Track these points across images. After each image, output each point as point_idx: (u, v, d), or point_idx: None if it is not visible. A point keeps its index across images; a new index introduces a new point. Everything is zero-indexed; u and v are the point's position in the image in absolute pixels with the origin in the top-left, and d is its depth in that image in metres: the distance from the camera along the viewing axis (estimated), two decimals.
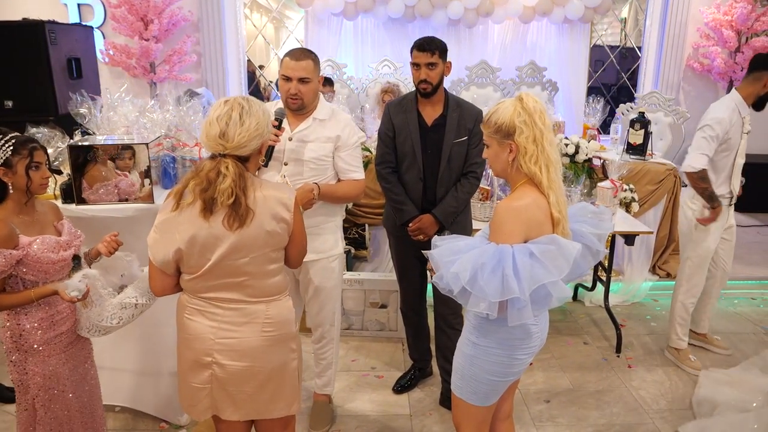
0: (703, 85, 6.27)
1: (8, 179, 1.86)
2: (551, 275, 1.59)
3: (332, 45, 6.03)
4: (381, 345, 3.46)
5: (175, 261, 1.71)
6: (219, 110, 1.66)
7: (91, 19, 5.77)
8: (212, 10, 5.72)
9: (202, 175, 1.64)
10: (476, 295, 1.61)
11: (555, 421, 2.78)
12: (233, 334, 1.75)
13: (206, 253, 1.68)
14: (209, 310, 1.75)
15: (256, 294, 1.76)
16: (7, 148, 1.85)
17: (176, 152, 2.77)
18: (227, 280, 1.72)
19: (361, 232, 3.94)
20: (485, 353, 1.80)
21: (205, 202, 1.63)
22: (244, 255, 1.70)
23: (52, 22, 3.72)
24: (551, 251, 1.62)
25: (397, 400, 2.93)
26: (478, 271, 1.60)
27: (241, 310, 1.75)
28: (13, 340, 1.91)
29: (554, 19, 5.89)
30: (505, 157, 1.74)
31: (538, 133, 1.70)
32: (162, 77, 5.67)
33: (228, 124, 1.63)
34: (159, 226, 1.70)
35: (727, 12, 5.90)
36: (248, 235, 1.67)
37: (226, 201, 1.62)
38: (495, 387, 1.85)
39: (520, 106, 1.71)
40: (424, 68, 2.52)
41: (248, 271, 1.72)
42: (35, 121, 2.65)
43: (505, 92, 5.62)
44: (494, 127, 1.74)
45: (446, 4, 5.61)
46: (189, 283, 1.76)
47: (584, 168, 3.99)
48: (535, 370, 3.20)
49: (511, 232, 1.67)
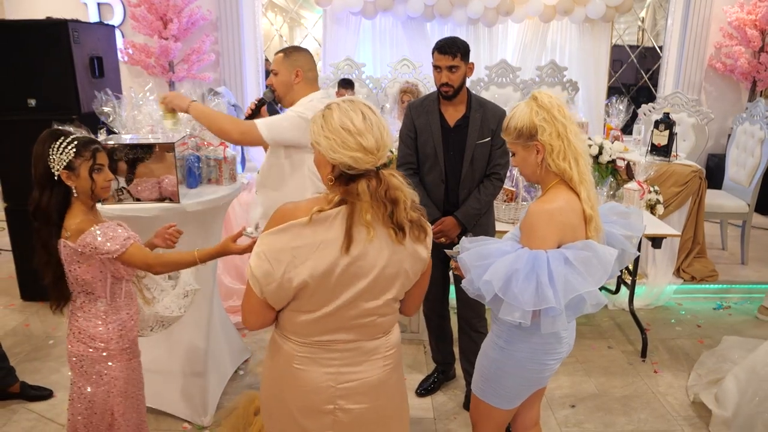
0: (726, 85, 6.17)
1: (72, 183, 1.78)
2: (587, 284, 1.54)
3: (351, 44, 6.01)
4: (403, 347, 3.40)
5: (294, 295, 1.42)
6: (352, 114, 1.36)
7: (110, 18, 5.79)
8: (230, 9, 5.73)
9: (372, 199, 1.36)
10: (509, 303, 1.57)
11: (582, 427, 2.74)
12: (355, 375, 1.51)
13: (340, 289, 1.42)
14: (325, 355, 1.49)
15: (376, 332, 1.52)
16: (69, 150, 1.77)
17: (201, 152, 2.76)
18: (350, 322, 1.47)
19: None
20: (514, 359, 1.75)
21: (396, 225, 1.39)
22: (377, 296, 1.46)
23: (75, 21, 3.71)
24: (587, 257, 1.57)
25: (420, 404, 2.90)
26: (512, 278, 1.56)
27: (360, 348, 1.51)
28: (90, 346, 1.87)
29: (575, 19, 5.83)
30: (533, 159, 1.70)
31: (560, 127, 1.64)
32: (181, 76, 5.68)
33: (382, 133, 1.37)
34: (271, 254, 1.38)
35: (751, 11, 5.80)
36: (389, 273, 1.44)
37: (407, 216, 1.41)
38: (520, 392, 1.82)
39: (536, 105, 1.67)
40: (445, 71, 2.46)
41: (374, 311, 1.48)
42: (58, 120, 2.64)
43: (525, 92, 5.56)
44: (515, 132, 1.70)
45: (466, 3, 5.56)
46: (301, 326, 1.47)
47: (608, 169, 3.94)
48: (559, 375, 3.16)
49: (545, 236, 1.62)
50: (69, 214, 1.80)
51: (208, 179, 2.78)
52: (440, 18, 5.72)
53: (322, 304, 1.43)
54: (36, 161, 1.79)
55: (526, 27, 6.09)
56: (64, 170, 1.76)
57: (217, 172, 2.76)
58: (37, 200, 1.80)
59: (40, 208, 1.79)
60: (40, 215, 1.79)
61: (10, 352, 2.99)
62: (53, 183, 1.77)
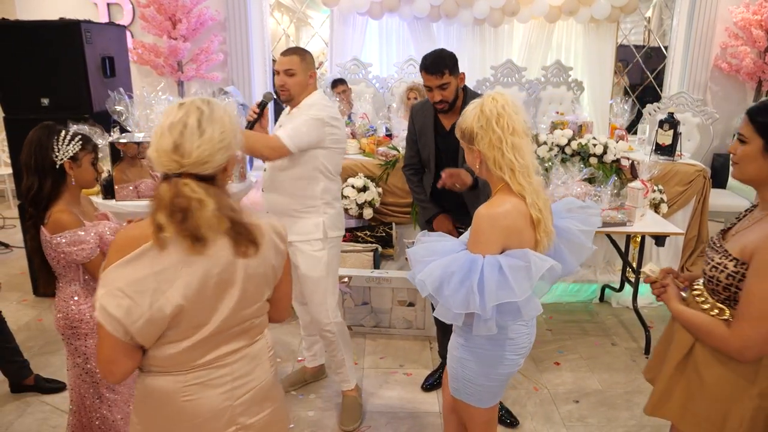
0: (731, 85, 6.18)
1: (72, 172, 1.97)
2: (513, 295, 1.53)
3: (357, 44, 6.06)
4: (409, 343, 3.48)
5: (168, 325, 1.27)
6: (172, 116, 1.25)
7: (120, 18, 5.86)
8: (239, 9, 5.78)
9: (165, 203, 1.22)
10: (442, 304, 1.59)
11: (585, 422, 2.78)
12: (249, 385, 1.42)
13: (215, 302, 1.30)
14: (214, 375, 1.35)
15: (256, 334, 1.44)
16: (76, 143, 1.97)
17: None
18: (231, 330, 1.36)
19: (388, 231, 3.96)
20: (473, 354, 1.76)
21: (191, 236, 1.23)
22: (251, 303, 1.37)
23: (88, 22, 3.78)
24: (520, 267, 1.56)
25: (426, 398, 2.95)
26: (445, 281, 1.56)
27: (246, 356, 1.41)
28: (69, 325, 2.02)
29: (580, 19, 5.85)
30: (475, 162, 1.71)
31: (495, 139, 1.62)
32: (189, 76, 5.74)
33: (183, 134, 1.22)
34: (131, 287, 1.21)
35: (757, 11, 5.81)
36: (256, 273, 1.35)
37: (219, 227, 1.24)
38: (489, 389, 1.81)
39: (479, 110, 1.65)
40: (437, 90, 2.45)
41: (252, 314, 1.40)
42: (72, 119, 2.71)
43: (531, 92, 5.60)
44: (461, 132, 1.71)
45: (471, 4, 5.60)
46: (181, 355, 1.30)
47: (613, 168, 3.97)
48: (563, 371, 3.20)
49: (488, 240, 1.61)
50: (55, 203, 1.96)
51: None
52: (446, 18, 5.76)
53: (202, 324, 1.30)
54: (38, 150, 1.94)
55: (531, 27, 6.13)
56: (68, 160, 1.95)
57: None
58: (36, 187, 1.94)
59: (40, 195, 1.94)
60: (39, 201, 1.95)
61: (24, 346, 3.05)
62: (55, 172, 1.94)
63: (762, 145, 1.43)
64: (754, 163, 1.46)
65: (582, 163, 3.93)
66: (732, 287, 1.48)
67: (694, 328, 1.54)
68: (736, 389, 1.50)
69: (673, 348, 1.66)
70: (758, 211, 1.52)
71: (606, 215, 3.29)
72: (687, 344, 1.60)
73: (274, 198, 2.55)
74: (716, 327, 1.48)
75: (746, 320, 1.41)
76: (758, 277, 1.39)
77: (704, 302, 1.56)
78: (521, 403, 2.91)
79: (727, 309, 1.51)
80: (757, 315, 1.39)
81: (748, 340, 1.41)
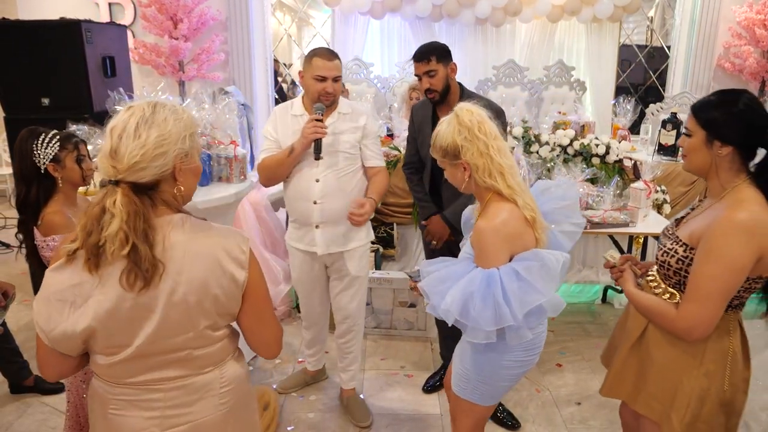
0: (734, 85, 6.15)
1: (58, 174, 1.96)
2: (541, 294, 1.58)
3: (359, 44, 6.04)
4: (410, 344, 3.46)
5: (83, 341, 1.22)
6: (118, 118, 1.20)
7: (121, 18, 5.85)
8: (240, 9, 5.77)
9: (88, 212, 1.18)
10: (472, 326, 1.61)
11: (587, 424, 2.76)
12: (184, 418, 1.30)
13: (133, 326, 1.21)
14: (144, 397, 1.27)
15: (204, 364, 1.31)
16: (54, 144, 1.96)
17: (211, 150, 2.80)
18: (163, 357, 1.25)
19: (389, 231, 3.94)
20: (491, 359, 1.78)
21: (90, 250, 1.16)
22: (177, 332, 1.24)
23: (88, 22, 3.77)
24: (536, 267, 1.61)
25: (426, 400, 2.93)
26: (469, 302, 1.59)
27: (188, 386, 1.30)
28: None
29: (583, 18, 5.83)
30: (461, 176, 1.74)
31: (482, 146, 1.68)
32: (191, 76, 5.73)
33: (121, 138, 1.16)
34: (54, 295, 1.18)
35: (760, 11, 5.78)
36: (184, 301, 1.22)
37: (118, 251, 1.14)
38: (500, 389, 1.87)
39: (457, 124, 1.70)
40: (425, 78, 2.48)
41: (190, 345, 1.27)
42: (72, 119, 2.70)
43: (533, 92, 5.58)
44: (441, 152, 1.74)
45: (474, 3, 5.58)
46: (107, 369, 1.26)
47: (615, 168, 3.95)
48: (565, 372, 3.18)
49: (496, 252, 1.65)
50: (48, 204, 1.96)
51: (219, 177, 2.82)
52: (448, 18, 5.74)
53: (121, 346, 1.22)
54: (21, 158, 1.96)
55: (533, 27, 6.10)
56: (50, 163, 1.94)
57: (228, 170, 2.81)
58: (24, 194, 1.96)
59: (28, 201, 1.95)
60: (28, 207, 1.95)
61: (24, 347, 3.04)
62: (40, 177, 1.94)
63: (705, 136, 1.54)
64: (699, 153, 1.56)
65: (584, 164, 3.91)
66: (681, 271, 1.57)
67: (647, 310, 1.63)
68: (685, 369, 1.58)
69: (627, 331, 1.75)
70: (708, 200, 1.63)
71: (609, 216, 3.27)
72: (640, 327, 1.69)
73: (333, 206, 2.45)
74: (666, 308, 1.57)
75: (693, 301, 1.50)
76: (704, 260, 1.48)
77: (657, 287, 1.65)
78: (523, 405, 2.89)
79: (678, 293, 1.61)
80: (702, 296, 1.48)
81: (694, 320, 1.49)
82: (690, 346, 1.56)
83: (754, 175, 1.54)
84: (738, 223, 1.44)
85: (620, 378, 1.75)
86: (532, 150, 3.90)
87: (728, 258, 1.44)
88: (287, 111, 2.50)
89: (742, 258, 1.44)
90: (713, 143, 1.53)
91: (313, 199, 2.43)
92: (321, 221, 2.47)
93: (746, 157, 1.54)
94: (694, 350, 1.57)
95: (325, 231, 2.49)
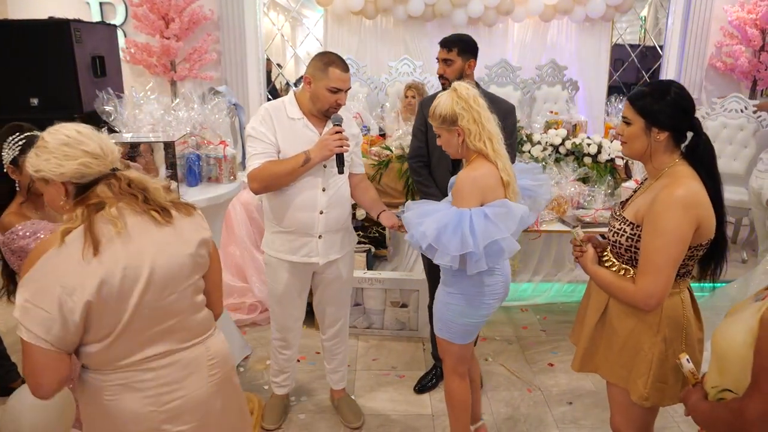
0: (726, 84, 6.16)
1: (15, 177, 1.91)
2: (502, 232, 1.90)
3: (352, 44, 6.03)
4: (402, 344, 3.45)
5: (82, 327, 1.28)
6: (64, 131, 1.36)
7: (113, 17, 5.81)
8: (232, 8, 5.74)
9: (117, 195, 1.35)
10: (441, 250, 1.90)
11: (578, 423, 2.76)
12: (179, 393, 1.41)
13: (124, 296, 1.30)
14: (138, 378, 1.36)
15: (189, 336, 1.43)
16: (15, 146, 1.89)
17: (201, 150, 2.78)
18: (153, 330, 1.36)
19: (381, 231, 3.93)
20: (457, 299, 2.11)
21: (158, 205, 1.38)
22: (171, 290, 1.37)
23: (77, 21, 3.75)
24: (502, 213, 1.93)
25: (418, 400, 2.92)
26: (442, 231, 1.89)
27: (178, 362, 1.41)
28: None
29: (575, 18, 5.84)
30: (456, 141, 2.04)
31: (476, 114, 1.98)
32: (182, 75, 5.70)
33: (100, 139, 1.38)
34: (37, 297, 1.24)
35: (752, 10, 5.79)
36: (174, 260, 1.38)
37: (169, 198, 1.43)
38: (469, 327, 2.16)
39: (456, 95, 1.99)
40: (441, 64, 2.66)
41: (177, 309, 1.39)
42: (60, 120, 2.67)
43: (525, 91, 5.58)
44: (440, 119, 2.03)
45: (466, 3, 5.57)
46: (100, 355, 1.33)
47: (607, 168, 3.95)
48: (556, 372, 3.18)
49: (470, 197, 1.96)
50: (10, 205, 1.92)
51: (208, 177, 2.81)
52: (441, 17, 5.73)
53: (115, 321, 1.31)
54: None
55: (526, 26, 6.10)
56: (9, 165, 1.89)
57: (217, 170, 2.79)
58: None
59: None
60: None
61: (12, 350, 3.02)
62: (1, 176, 1.91)
63: (644, 124, 1.67)
64: (639, 140, 1.70)
65: (576, 163, 3.91)
66: (632, 248, 1.72)
67: (607, 286, 1.77)
68: (645, 337, 1.73)
69: (590, 309, 1.90)
70: (647, 180, 1.79)
71: (599, 215, 3.27)
72: (602, 304, 1.83)
73: (336, 215, 2.41)
74: (624, 283, 1.71)
75: (646, 274, 1.64)
76: (651, 235, 1.63)
77: (612, 265, 1.79)
78: (514, 405, 2.89)
79: (631, 268, 1.74)
80: (654, 268, 1.61)
81: (650, 291, 1.63)
82: (648, 315, 1.70)
83: (686, 155, 1.70)
84: (677, 198, 1.59)
85: (590, 353, 1.90)
86: (524, 150, 3.90)
87: (672, 230, 1.59)
88: (282, 113, 2.32)
89: (684, 228, 1.59)
90: (651, 130, 1.67)
91: (320, 209, 2.35)
92: (324, 231, 2.38)
93: (678, 139, 1.69)
94: (651, 319, 1.71)
95: (326, 240, 2.40)
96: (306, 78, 2.30)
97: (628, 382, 1.78)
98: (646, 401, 1.74)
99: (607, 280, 1.76)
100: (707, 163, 1.67)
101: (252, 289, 3.76)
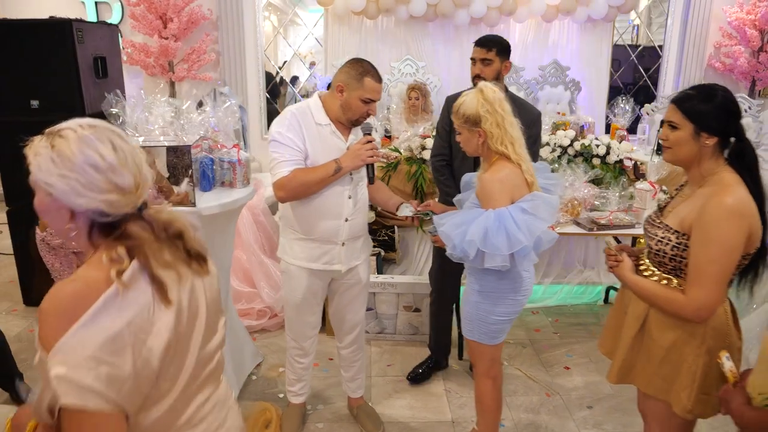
0: (725, 84, 6.08)
1: None
2: (544, 223, 1.95)
3: (353, 44, 5.96)
4: (415, 349, 3.40)
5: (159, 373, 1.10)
6: (98, 145, 1.07)
7: (108, 17, 5.71)
8: (231, 8, 5.66)
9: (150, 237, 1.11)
10: (490, 253, 1.89)
11: (601, 428, 2.73)
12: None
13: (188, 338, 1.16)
14: None
15: (219, 373, 1.30)
16: None
17: (214, 154, 2.71)
18: (203, 374, 1.22)
19: (390, 234, 3.88)
20: (486, 297, 2.11)
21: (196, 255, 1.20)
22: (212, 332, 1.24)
23: (79, 21, 3.65)
24: (538, 204, 1.97)
25: (437, 407, 2.88)
26: (487, 234, 1.89)
27: (217, 403, 1.27)
28: None
29: (577, 18, 5.82)
30: (476, 141, 2.04)
31: (499, 119, 1.97)
32: (181, 76, 5.61)
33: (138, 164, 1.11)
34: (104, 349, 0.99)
35: (751, 11, 5.82)
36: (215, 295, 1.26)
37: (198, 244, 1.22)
38: (500, 326, 2.16)
39: (482, 97, 1.98)
40: (478, 63, 2.61)
41: (216, 346, 1.27)
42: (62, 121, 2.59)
43: (528, 91, 5.56)
44: (463, 118, 2.02)
45: (468, 3, 5.53)
46: (163, 419, 1.13)
47: (616, 169, 3.93)
48: (573, 375, 3.15)
49: (500, 197, 1.97)
50: None
51: (222, 182, 2.74)
52: (443, 18, 5.69)
53: (179, 368, 1.14)
54: None
55: (528, 27, 6.08)
56: None
57: (231, 174, 2.72)
58: None
59: None
60: None
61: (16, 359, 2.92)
62: None
63: (693, 129, 1.61)
64: (686, 146, 1.63)
65: (585, 164, 3.89)
66: (677, 258, 1.66)
67: (651, 296, 1.71)
68: (689, 349, 1.67)
69: (628, 320, 1.82)
70: (688, 188, 1.73)
71: (614, 217, 3.25)
72: (642, 315, 1.76)
73: (359, 221, 2.38)
74: (672, 294, 1.66)
75: (698, 286, 1.59)
76: (703, 245, 1.58)
77: (651, 275, 1.74)
78: (535, 410, 2.85)
79: (674, 278, 1.69)
80: (706, 280, 1.57)
81: (701, 303, 1.59)
82: (692, 326, 1.65)
83: (731, 161, 1.64)
84: (728, 207, 1.54)
85: (628, 365, 1.83)
86: None
87: (724, 241, 1.54)
88: (309, 118, 2.22)
89: (736, 239, 1.55)
90: (700, 135, 1.61)
91: (345, 216, 2.30)
92: (348, 238, 2.34)
93: (724, 145, 1.63)
94: (695, 330, 1.66)
95: (348, 247, 2.36)
96: (339, 86, 2.20)
97: (670, 395, 1.73)
98: (690, 413, 1.70)
99: (651, 291, 1.71)
100: (753, 169, 1.62)
101: (260, 294, 3.69)
